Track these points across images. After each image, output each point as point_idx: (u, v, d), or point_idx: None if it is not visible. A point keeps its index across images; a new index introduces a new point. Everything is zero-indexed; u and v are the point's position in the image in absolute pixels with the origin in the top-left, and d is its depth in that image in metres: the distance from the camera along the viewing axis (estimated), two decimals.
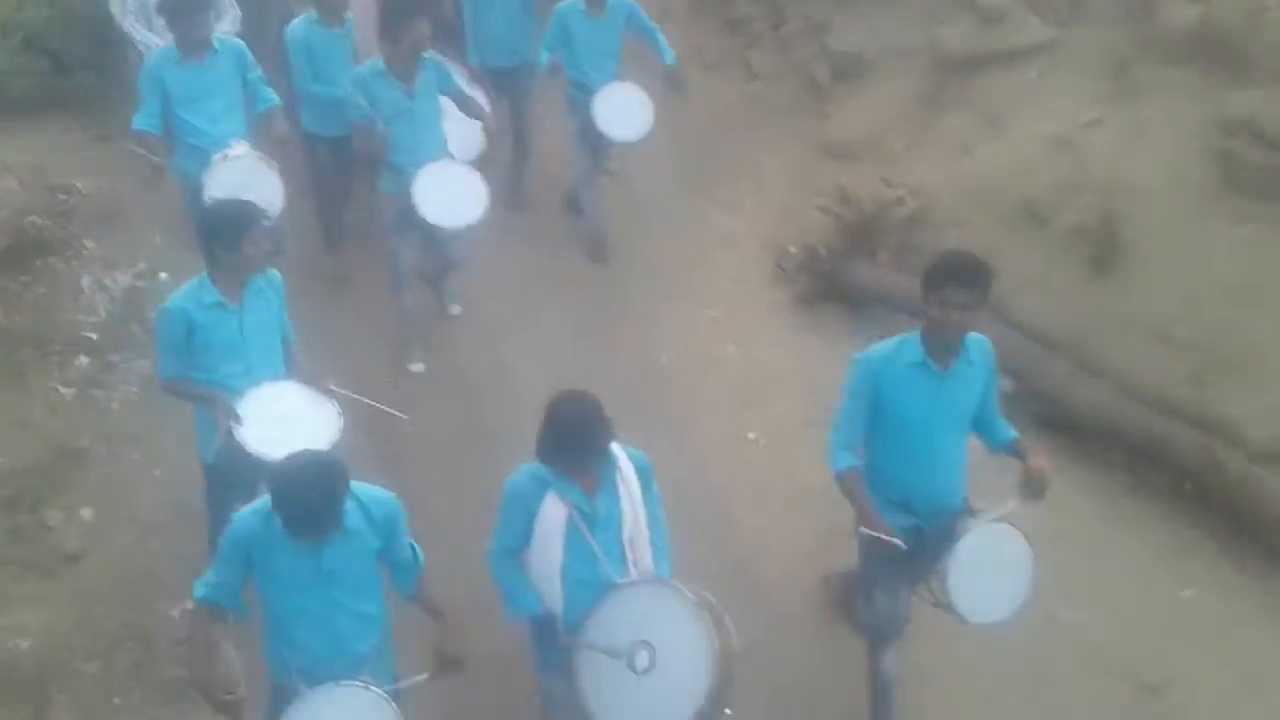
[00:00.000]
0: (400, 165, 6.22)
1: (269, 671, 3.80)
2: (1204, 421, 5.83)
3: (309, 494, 3.32)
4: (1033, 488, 4.07)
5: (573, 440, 3.65)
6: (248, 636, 3.97)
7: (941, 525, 4.23)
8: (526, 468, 3.85)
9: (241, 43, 6.31)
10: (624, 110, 7.18)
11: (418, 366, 6.76)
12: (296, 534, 3.40)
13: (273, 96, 6.30)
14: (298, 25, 6.74)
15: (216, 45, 6.06)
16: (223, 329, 4.47)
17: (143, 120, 5.95)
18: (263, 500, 3.56)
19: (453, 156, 6.46)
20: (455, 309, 7.23)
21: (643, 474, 3.96)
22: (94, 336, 6.29)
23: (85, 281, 6.62)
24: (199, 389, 4.53)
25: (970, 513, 4.25)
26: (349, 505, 3.52)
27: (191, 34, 5.91)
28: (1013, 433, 4.29)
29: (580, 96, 7.28)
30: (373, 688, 3.51)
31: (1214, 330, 6.03)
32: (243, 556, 3.58)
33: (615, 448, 3.86)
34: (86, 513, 5.41)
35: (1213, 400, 5.86)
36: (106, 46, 7.81)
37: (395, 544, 3.77)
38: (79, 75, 7.88)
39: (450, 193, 6.20)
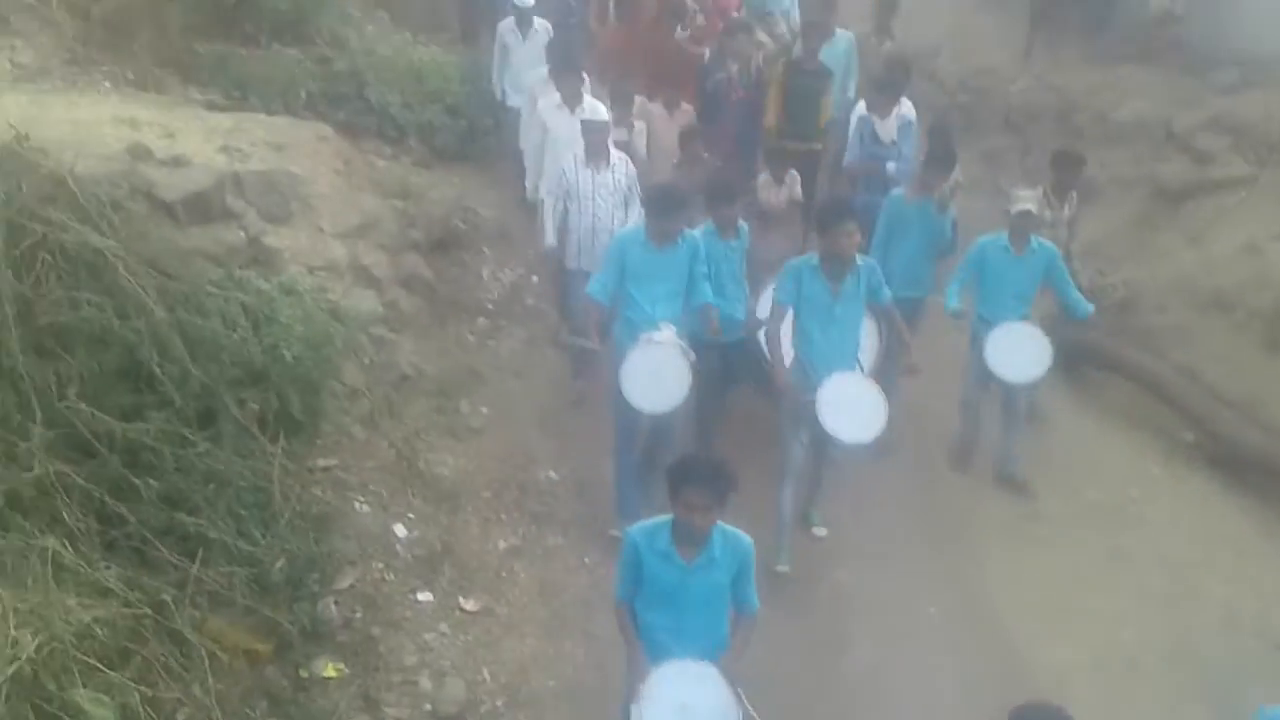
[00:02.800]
0: (810, 362, 6.33)
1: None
2: None
3: None
4: None
5: None
6: None
7: None
8: None
9: (698, 237, 6.53)
10: (1021, 351, 7.00)
11: (784, 567, 6.56)
12: None
13: (708, 293, 6.46)
14: (699, 237, 6.66)
15: (680, 239, 6.34)
16: (666, 579, 4.46)
17: (596, 287, 6.37)
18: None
19: (862, 367, 6.47)
20: (821, 531, 6.98)
21: None
22: (490, 307, 8.60)
23: (485, 272, 8.98)
24: (632, 635, 4.59)
25: None
26: None
27: (668, 228, 6.23)
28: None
29: (982, 330, 7.16)
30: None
31: None
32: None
33: None
34: (484, 409, 7.60)
35: None
36: (502, 120, 10.37)
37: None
38: (483, 138, 10.47)
39: (853, 406, 6.14)
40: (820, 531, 6.97)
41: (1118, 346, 8.45)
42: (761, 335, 6.66)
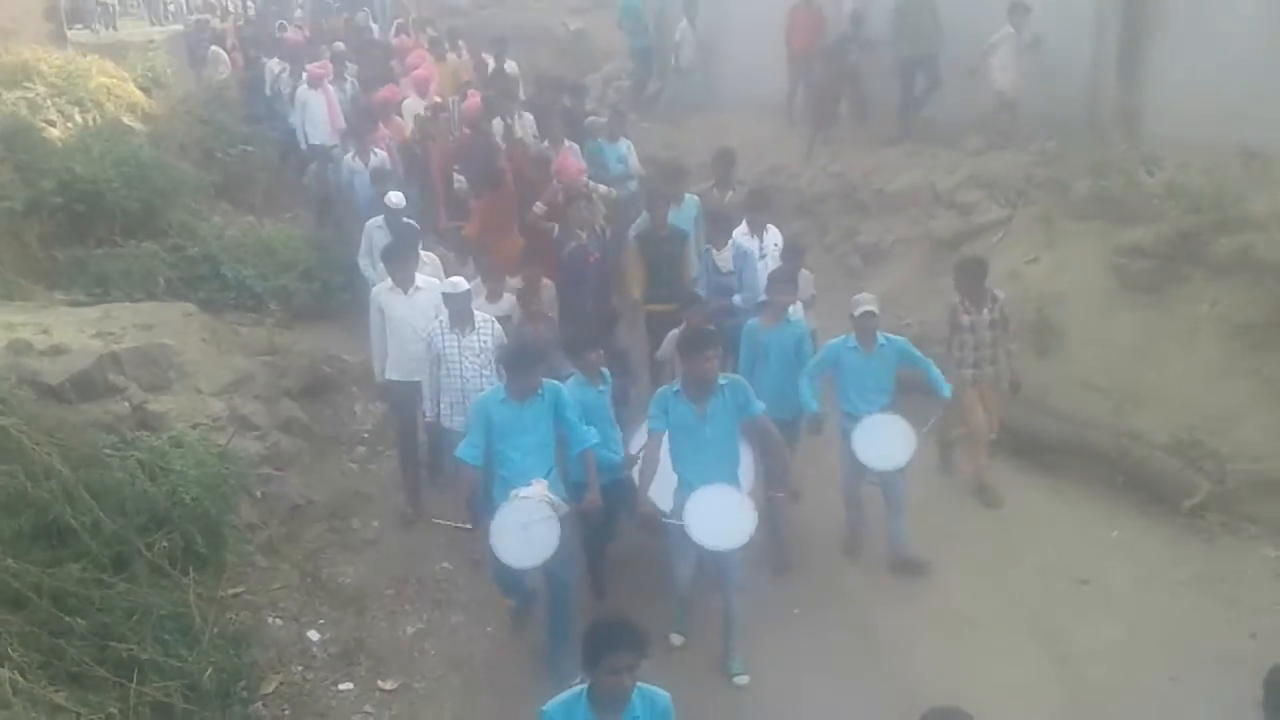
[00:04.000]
0: (689, 484, 6.45)
1: None
2: (1121, 433, 8.38)
3: None
4: None
5: None
6: None
7: None
8: None
9: (561, 386, 6.61)
10: (885, 440, 7.22)
11: (678, 640, 6.86)
12: None
13: (588, 437, 6.55)
14: (570, 388, 6.78)
15: (541, 391, 6.43)
16: None
17: (466, 451, 6.41)
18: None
19: (738, 484, 6.55)
20: (743, 679, 6.67)
21: None
22: (366, 435, 9.33)
23: (357, 408, 9.73)
24: None
25: None
26: None
27: (527, 383, 6.36)
28: None
29: (848, 425, 7.40)
30: None
31: (1123, 379, 8.65)
32: None
33: None
34: (375, 522, 8.28)
35: (1126, 421, 8.42)
36: (356, 277, 11.22)
37: None
38: (338, 295, 11.33)
39: (720, 516, 6.28)
40: (742, 680, 6.65)
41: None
42: (635, 471, 6.79)
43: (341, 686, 6.64)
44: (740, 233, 9.07)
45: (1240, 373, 8.07)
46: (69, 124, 12.40)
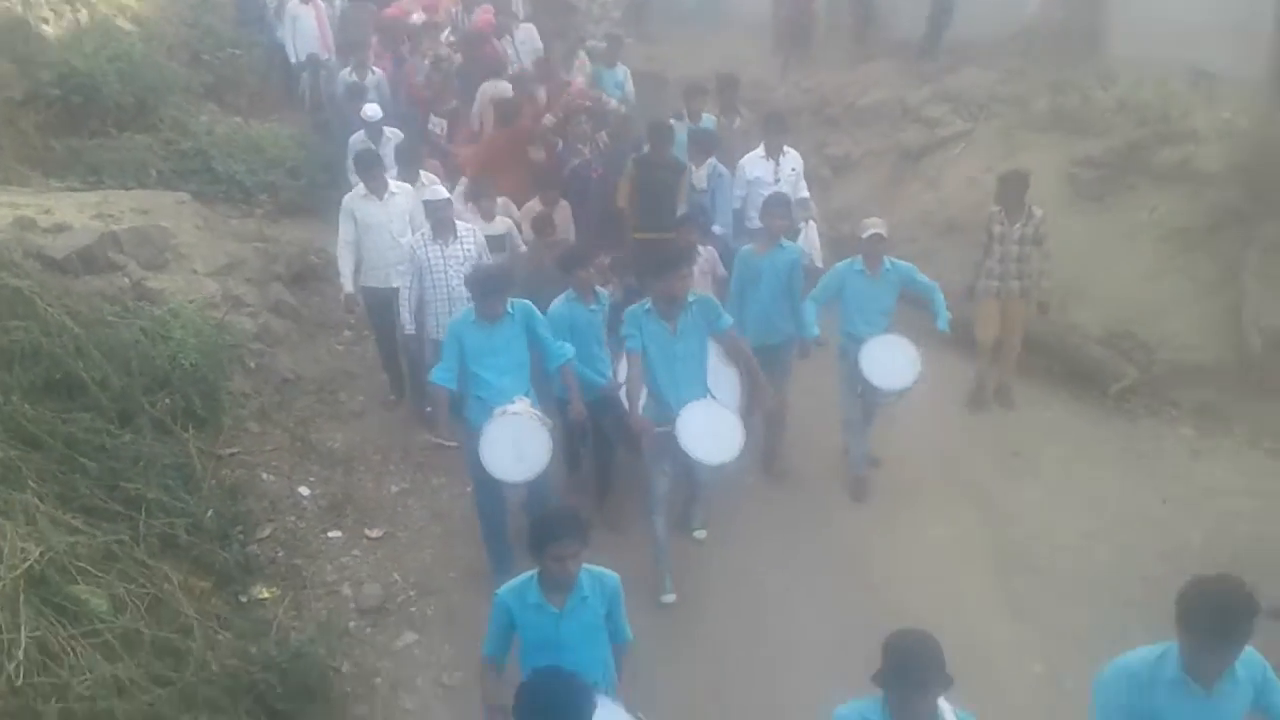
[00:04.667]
0: (663, 398, 6.56)
1: None
2: (1061, 326, 8.96)
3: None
4: None
5: (907, 671, 3.58)
6: None
7: None
8: (858, 703, 3.80)
9: (530, 305, 6.59)
10: (891, 360, 7.27)
11: (669, 598, 6.74)
12: None
13: (562, 352, 6.64)
14: (560, 305, 6.93)
15: (510, 309, 6.45)
16: (541, 629, 4.51)
17: (440, 375, 6.44)
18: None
19: (714, 397, 6.65)
20: (701, 534, 7.12)
21: None
22: (352, 322, 9.83)
23: (343, 297, 10.23)
24: (490, 690, 4.56)
25: None
26: None
27: (493, 308, 6.36)
28: None
29: (851, 347, 7.44)
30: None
31: (1068, 278, 9.18)
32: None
33: (945, 707, 3.74)
34: (360, 397, 8.82)
35: (1068, 315, 9.00)
36: (341, 176, 11.62)
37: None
38: (323, 192, 11.73)
39: (710, 431, 6.43)
40: (700, 534, 7.05)
41: None
42: (623, 393, 6.85)
43: (330, 534, 7.23)
44: (755, 156, 9.07)
45: (1172, 272, 8.66)
46: (62, 21, 12.66)
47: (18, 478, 5.81)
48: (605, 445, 7.39)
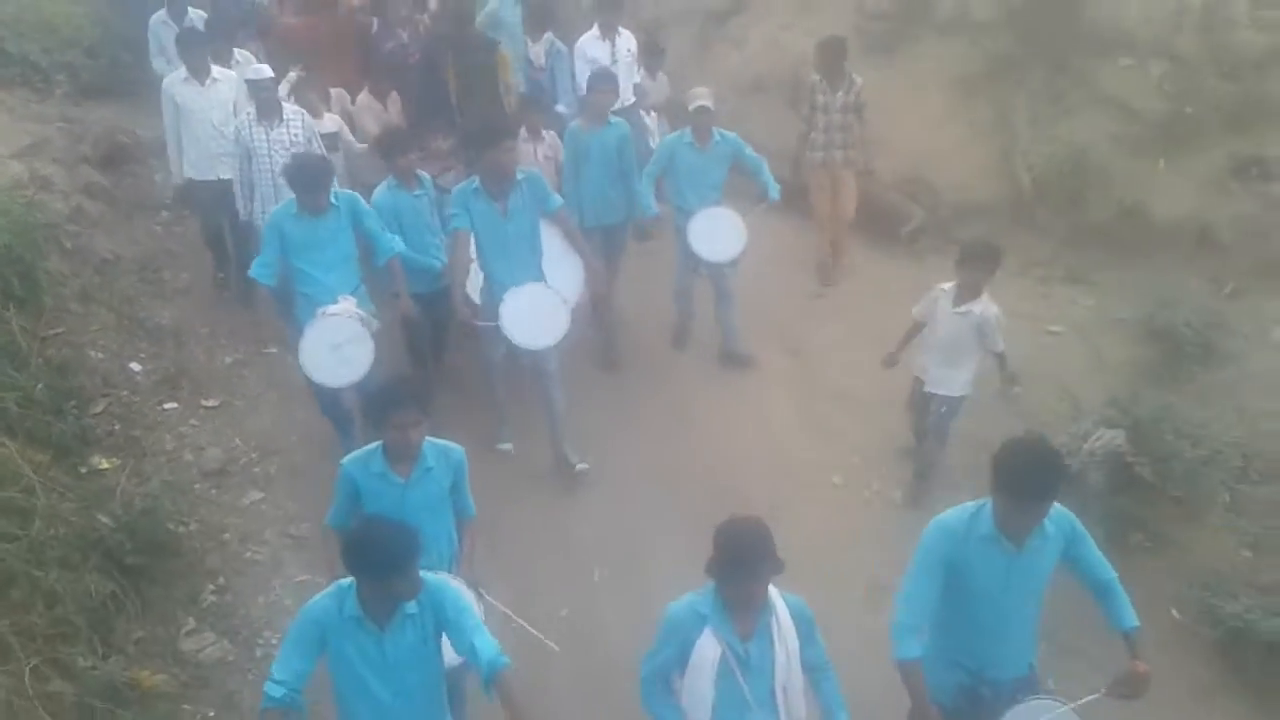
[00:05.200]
0: (496, 281, 6.52)
1: None
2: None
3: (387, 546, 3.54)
4: (1128, 688, 3.77)
5: (738, 558, 3.58)
6: None
7: (1001, 692, 4.00)
8: (690, 596, 3.83)
9: (356, 195, 6.56)
10: (719, 233, 7.41)
11: (507, 446, 7.08)
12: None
13: (391, 245, 6.52)
14: (383, 193, 6.85)
15: (334, 200, 6.31)
16: (385, 499, 4.51)
17: (259, 270, 6.34)
18: (336, 585, 3.80)
19: (547, 283, 6.59)
20: (583, 465, 6.94)
21: (802, 622, 3.84)
22: (168, 203, 9.69)
23: (157, 178, 10.04)
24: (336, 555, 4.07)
25: (1037, 686, 4.08)
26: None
27: (315, 201, 6.20)
28: (1133, 621, 3.91)
29: (681, 220, 7.55)
30: None
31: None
32: (316, 640, 3.74)
33: (774, 593, 3.79)
34: (184, 275, 8.84)
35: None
36: (143, 57, 11.24)
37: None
38: (125, 72, 11.36)
39: (534, 315, 6.42)
40: (582, 465, 6.95)
41: None
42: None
43: (166, 406, 7.35)
44: (591, 37, 8.92)
45: (955, 119, 9.34)
46: None
47: None
48: (438, 334, 7.48)
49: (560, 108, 8.95)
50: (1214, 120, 8.22)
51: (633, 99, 9.21)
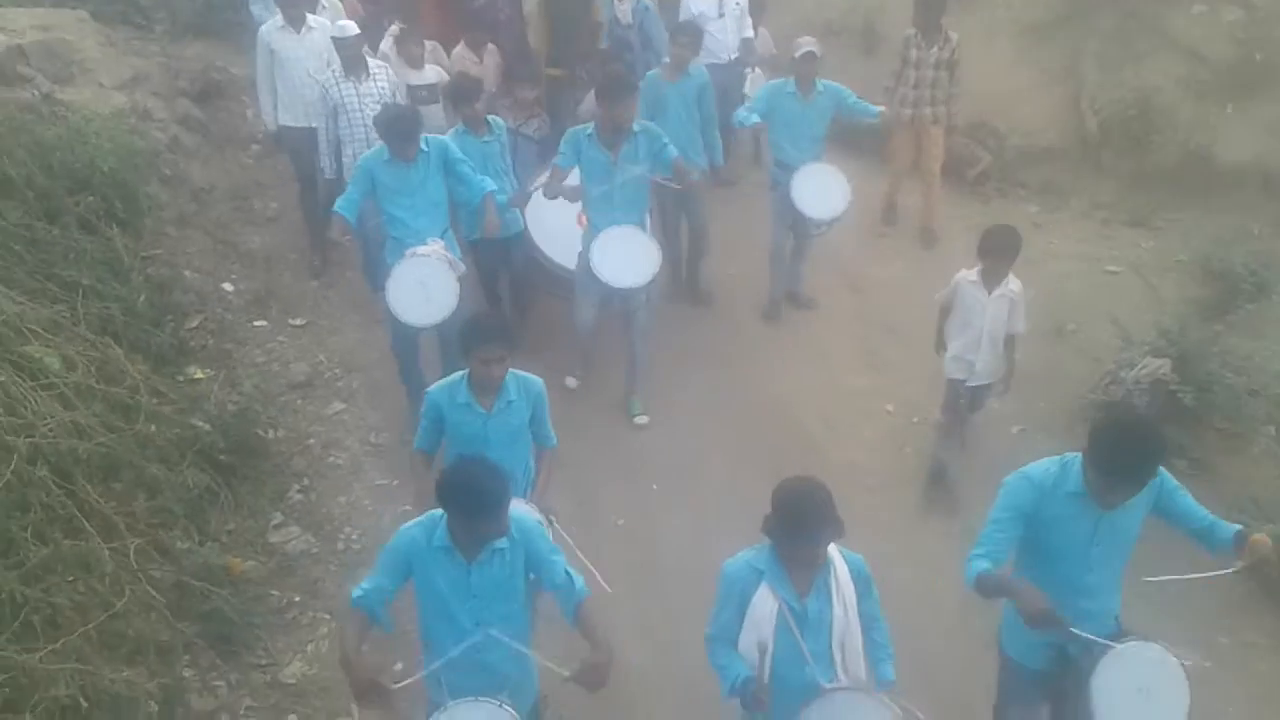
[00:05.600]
0: (596, 226, 6.66)
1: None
2: None
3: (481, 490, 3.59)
4: (1256, 554, 3.62)
5: (797, 521, 3.55)
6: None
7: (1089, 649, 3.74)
8: (746, 554, 3.82)
9: (447, 140, 6.67)
10: (822, 189, 7.22)
11: (573, 382, 7.29)
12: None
13: (483, 185, 6.56)
14: (451, 139, 6.86)
15: (424, 146, 6.42)
16: (468, 427, 4.75)
17: (343, 205, 6.41)
18: (428, 515, 3.88)
19: (644, 227, 6.74)
20: (643, 419, 7.13)
21: (860, 579, 3.82)
22: (259, 138, 10.11)
23: (249, 114, 10.46)
24: (423, 475, 4.74)
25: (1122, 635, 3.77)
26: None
27: (405, 150, 6.32)
28: (1234, 527, 3.75)
29: (781, 175, 7.45)
30: (507, 706, 3.65)
31: None
32: (403, 566, 3.84)
33: (833, 550, 3.77)
34: (274, 204, 9.27)
35: None
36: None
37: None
38: (222, 14, 11.78)
39: (626, 256, 6.52)
40: (642, 419, 7.11)
41: None
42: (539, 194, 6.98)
43: (256, 323, 7.81)
44: None
45: (1025, 64, 9.42)
46: None
47: None
48: (515, 284, 7.64)
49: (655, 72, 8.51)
50: None
51: (736, 54, 9.14)
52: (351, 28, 7.74)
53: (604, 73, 7.12)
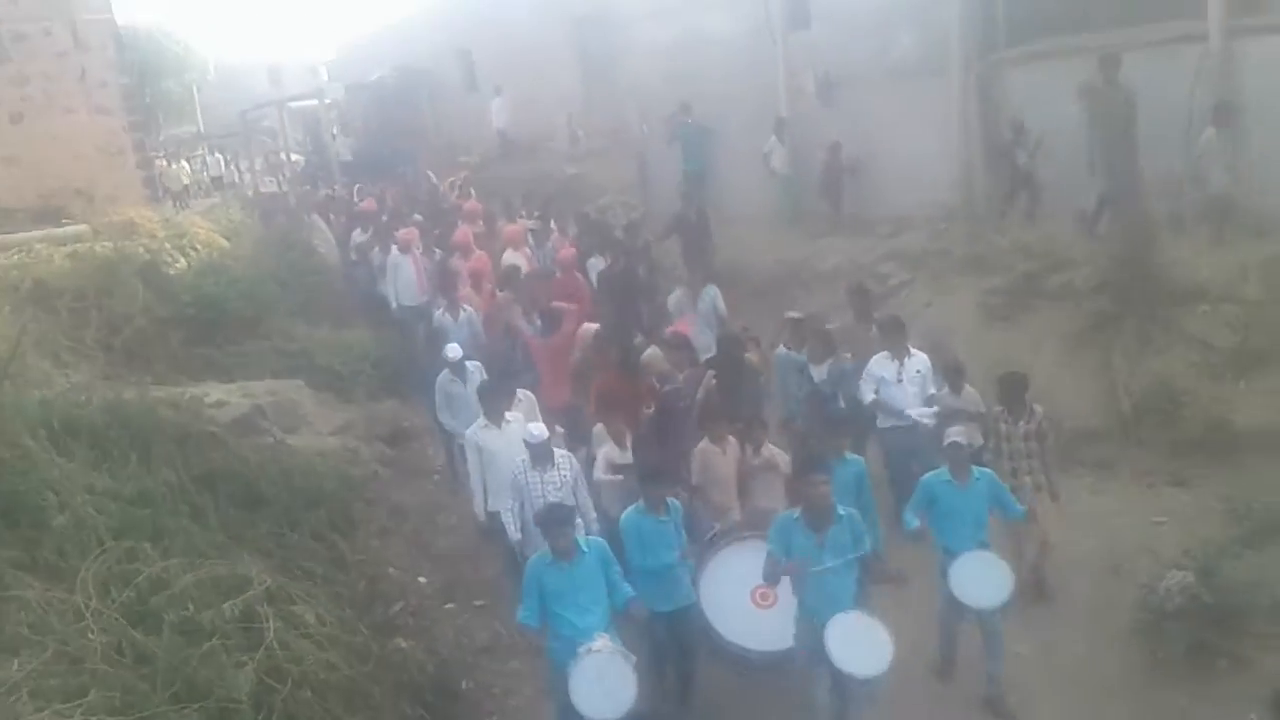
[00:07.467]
0: (811, 609, 6.59)
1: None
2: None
3: None
4: None
5: None
6: None
7: None
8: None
9: (603, 542, 7.02)
10: (982, 578, 7.05)
11: None
12: None
13: (629, 589, 6.89)
14: (630, 515, 7.24)
15: (584, 547, 6.79)
16: None
17: (525, 615, 6.83)
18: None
19: (860, 610, 6.60)
20: None
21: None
22: (439, 468, 12.23)
23: (429, 451, 12.65)
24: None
25: None
26: None
27: (561, 543, 6.66)
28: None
29: (944, 561, 7.27)
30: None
31: (992, 380, 11.68)
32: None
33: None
34: (454, 519, 11.20)
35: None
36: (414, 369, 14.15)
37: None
38: (400, 378, 14.29)
39: (860, 641, 6.40)
40: None
41: None
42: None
43: (446, 606, 9.48)
44: (881, 359, 9.62)
45: (1068, 365, 11.11)
46: (179, 261, 15.72)
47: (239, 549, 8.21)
48: (686, 656, 7.62)
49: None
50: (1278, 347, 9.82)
51: (928, 420, 9.46)
52: (541, 432, 8.32)
53: (803, 451, 7.51)
